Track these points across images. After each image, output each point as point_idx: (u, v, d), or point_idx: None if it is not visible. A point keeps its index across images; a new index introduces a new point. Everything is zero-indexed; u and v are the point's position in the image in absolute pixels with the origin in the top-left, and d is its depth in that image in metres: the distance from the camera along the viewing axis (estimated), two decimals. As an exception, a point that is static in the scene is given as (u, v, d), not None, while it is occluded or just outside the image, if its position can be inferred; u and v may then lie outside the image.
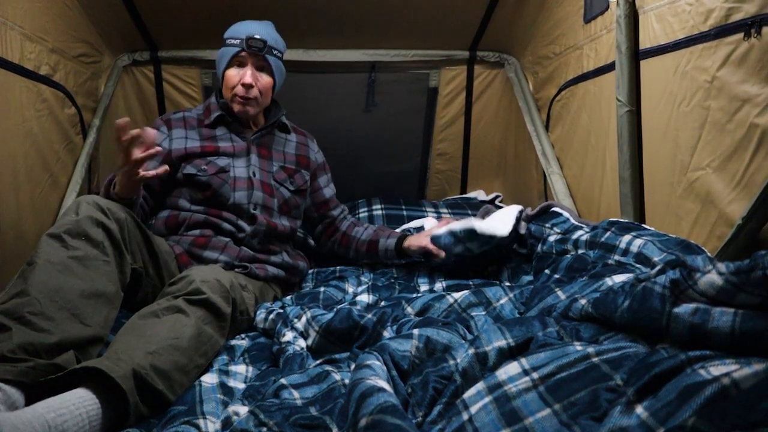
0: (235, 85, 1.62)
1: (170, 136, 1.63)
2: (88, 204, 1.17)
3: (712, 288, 0.69)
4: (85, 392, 0.84)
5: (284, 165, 1.73)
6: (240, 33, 1.62)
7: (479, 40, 2.35)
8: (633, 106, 1.44)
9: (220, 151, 1.63)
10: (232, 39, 1.63)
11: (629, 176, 1.45)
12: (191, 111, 1.73)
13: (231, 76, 1.62)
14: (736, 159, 1.11)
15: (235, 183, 1.61)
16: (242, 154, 1.66)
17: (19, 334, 0.91)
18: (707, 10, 1.16)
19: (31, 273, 1.01)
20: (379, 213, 2.36)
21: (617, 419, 0.60)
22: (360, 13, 2.12)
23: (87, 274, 1.06)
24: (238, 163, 1.64)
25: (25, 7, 1.53)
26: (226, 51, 1.63)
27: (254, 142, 1.69)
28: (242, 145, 1.67)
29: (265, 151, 1.71)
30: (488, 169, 2.67)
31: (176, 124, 1.66)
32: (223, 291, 1.18)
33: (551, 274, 1.33)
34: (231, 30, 1.67)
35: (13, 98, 1.49)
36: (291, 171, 1.74)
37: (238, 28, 1.65)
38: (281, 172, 1.72)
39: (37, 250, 1.06)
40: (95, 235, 1.12)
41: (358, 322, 1.13)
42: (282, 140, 1.77)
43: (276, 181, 1.70)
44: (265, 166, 1.69)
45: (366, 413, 0.68)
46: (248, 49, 1.60)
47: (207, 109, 1.71)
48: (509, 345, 0.83)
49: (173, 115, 1.69)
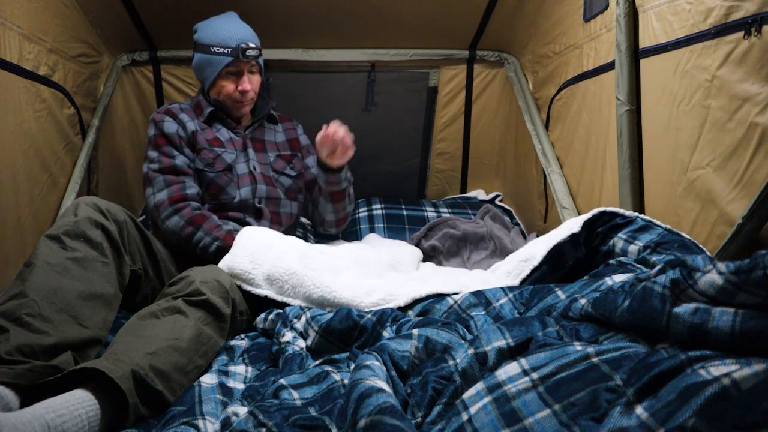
0: (232, 93, 1.64)
1: (180, 121, 1.64)
2: (86, 205, 1.16)
3: (712, 288, 0.69)
4: (84, 393, 0.83)
5: (280, 153, 1.75)
6: (228, 40, 1.61)
7: (479, 39, 2.34)
8: (633, 105, 1.44)
9: (225, 144, 1.66)
10: (219, 47, 1.61)
11: (629, 175, 1.45)
12: (184, 104, 1.74)
13: (225, 85, 1.64)
14: (736, 158, 1.11)
15: (239, 180, 1.63)
16: (240, 149, 1.68)
17: (16, 336, 0.90)
18: (707, 9, 1.15)
19: (29, 274, 1.00)
20: (379, 213, 2.36)
21: (617, 420, 0.60)
22: (359, 12, 2.11)
23: (85, 276, 1.06)
24: (239, 159, 1.66)
25: (24, 7, 1.53)
26: (215, 60, 1.62)
27: (248, 137, 1.72)
28: (239, 141, 1.69)
29: (259, 144, 1.74)
30: (488, 168, 2.67)
31: (177, 112, 1.67)
32: (223, 292, 1.17)
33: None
34: (212, 34, 1.63)
35: (11, 98, 1.49)
36: (288, 157, 1.77)
37: (222, 34, 1.62)
38: (279, 161, 1.74)
39: (36, 252, 1.05)
40: (94, 236, 1.12)
41: (357, 322, 1.13)
42: (272, 131, 1.81)
43: (275, 172, 1.71)
44: (261, 158, 1.72)
45: (365, 414, 0.68)
46: (245, 59, 1.61)
47: (197, 106, 1.71)
48: (509, 345, 0.83)
49: (170, 105, 1.70)
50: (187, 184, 1.58)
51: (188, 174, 1.60)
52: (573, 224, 1.25)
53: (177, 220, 1.51)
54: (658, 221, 1.24)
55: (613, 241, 1.23)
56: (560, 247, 1.23)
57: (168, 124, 1.63)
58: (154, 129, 1.64)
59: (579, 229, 1.23)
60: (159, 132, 1.63)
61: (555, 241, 1.23)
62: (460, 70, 2.44)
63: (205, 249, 1.49)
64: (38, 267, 1.02)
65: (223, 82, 1.64)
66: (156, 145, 1.62)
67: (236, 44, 1.60)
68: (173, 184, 1.56)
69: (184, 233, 1.50)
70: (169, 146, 1.61)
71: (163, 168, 1.58)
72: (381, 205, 2.40)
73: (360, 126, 2.45)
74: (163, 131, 1.62)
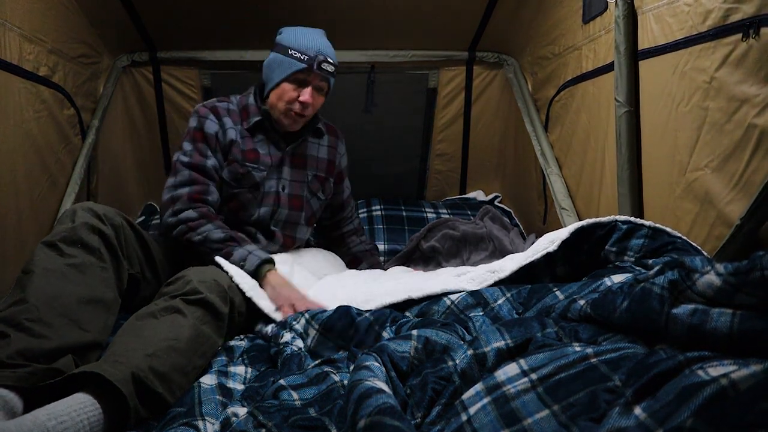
0: (292, 100, 1.56)
1: (222, 125, 1.58)
2: (83, 210, 1.16)
3: (711, 289, 0.69)
4: (85, 397, 0.83)
5: (317, 174, 1.71)
6: (308, 48, 1.55)
7: (478, 40, 2.35)
8: (632, 107, 1.44)
9: (260, 161, 1.60)
10: (297, 52, 1.55)
11: (628, 176, 1.45)
12: (231, 102, 1.66)
13: (288, 90, 1.56)
14: (734, 159, 1.11)
15: (263, 199, 1.60)
16: (276, 166, 1.63)
17: (17, 341, 0.91)
18: (706, 11, 1.16)
19: (28, 281, 1.00)
20: (379, 214, 2.36)
21: (616, 420, 0.60)
22: (359, 13, 2.12)
23: (84, 281, 1.06)
24: (270, 176, 1.62)
25: (24, 8, 1.53)
26: (288, 62, 1.55)
27: (290, 153, 1.66)
28: (277, 157, 1.64)
29: (299, 160, 1.68)
30: (487, 169, 2.67)
31: (223, 113, 1.61)
32: (221, 291, 1.17)
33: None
34: (294, 38, 1.58)
35: (11, 99, 1.49)
36: (322, 180, 1.73)
37: (305, 42, 1.56)
38: (315, 182, 1.71)
39: (33, 259, 1.05)
40: (91, 241, 1.12)
41: (355, 319, 1.13)
42: (315, 146, 1.74)
43: (309, 191, 1.69)
44: (297, 176, 1.67)
45: (365, 414, 0.68)
46: (318, 71, 1.55)
47: (245, 109, 1.64)
48: (508, 346, 0.83)
49: (219, 104, 1.63)
50: (210, 188, 1.53)
51: (214, 180, 1.55)
52: (551, 242, 1.20)
53: (190, 213, 1.46)
54: (639, 220, 1.20)
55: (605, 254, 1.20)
56: (533, 266, 1.21)
57: (210, 123, 1.57)
58: (196, 122, 1.57)
59: (555, 248, 1.18)
60: (200, 127, 1.57)
61: (528, 260, 1.20)
62: (460, 71, 2.45)
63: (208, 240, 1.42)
64: (37, 273, 1.02)
65: (286, 86, 1.56)
66: (193, 138, 1.56)
67: (314, 54, 1.54)
68: (197, 184, 1.51)
69: (192, 224, 1.44)
70: (205, 145, 1.55)
71: (193, 164, 1.52)
72: (380, 206, 2.40)
73: (360, 127, 2.47)
74: (203, 128, 1.56)
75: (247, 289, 1.27)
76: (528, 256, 1.22)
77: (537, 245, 1.23)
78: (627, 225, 1.19)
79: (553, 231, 1.24)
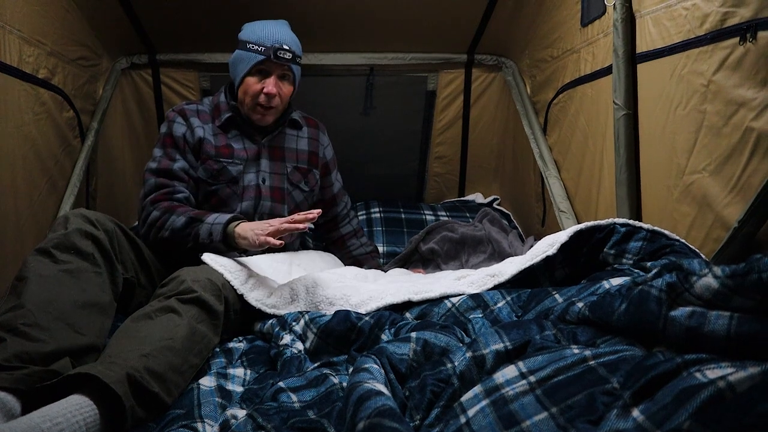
0: (256, 93, 1.57)
1: (189, 126, 1.60)
2: (76, 217, 1.17)
3: (708, 291, 0.70)
4: (81, 399, 0.83)
5: (297, 165, 1.71)
6: (264, 39, 1.56)
7: (477, 43, 2.35)
8: (630, 110, 1.45)
9: (234, 155, 1.61)
10: (254, 45, 1.56)
11: (626, 179, 1.46)
12: (202, 103, 1.68)
13: (252, 83, 1.57)
14: (732, 162, 1.12)
15: (244, 193, 1.60)
16: (253, 159, 1.63)
17: (13, 345, 0.91)
18: (703, 15, 1.16)
19: (23, 288, 1.00)
20: (377, 216, 2.36)
21: (613, 422, 0.60)
22: (358, 16, 2.12)
23: (79, 286, 1.06)
24: (248, 169, 1.62)
25: (24, 11, 1.53)
26: (247, 56, 1.57)
27: (266, 145, 1.67)
28: (254, 150, 1.64)
29: (277, 152, 1.68)
30: (486, 172, 2.68)
31: (191, 114, 1.62)
32: (215, 289, 1.18)
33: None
34: (251, 32, 1.59)
35: (11, 101, 1.49)
36: (304, 171, 1.72)
37: (261, 33, 1.57)
38: (296, 173, 1.70)
39: (27, 266, 1.05)
40: (85, 247, 1.12)
41: (355, 324, 1.13)
42: (293, 137, 1.74)
43: (290, 183, 1.68)
44: (277, 168, 1.67)
45: (363, 417, 0.69)
46: (276, 60, 1.56)
47: (216, 108, 1.66)
48: (506, 348, 0.83)
49: (186, 106, 1.65)
50: (177, 188, 1.53)
51: (182, 180, 1.55)
52: (549, 245, 1.21)
53: (154, 214, 1.46)
54: (638, 222, 1.21)
55: (603, 257, 1.21)
56: (533, 269, 1.22)
57: (177, 126, 1.59)
58: (165, 127, 1.60)
59: (555, 251, 1.19)
60: (168, 131, 1.59)
61: (527, 264, 1.21)
62: (459, 74, 2.45)
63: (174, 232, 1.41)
64: (31, 280, 1.02)
65: (250, 80, 1.57)
66: (163, 143, 1.58)
67: (271, 44, 1.55)
68: (163, 187, 1.52)
69: (158, 223, 1.44)
70: (173, 149, 1.57)
71: (159, 169, 1.54)
72: (379, 209, 2.40)
73: (358, 129, 2.47)
74: (172, 132, 1.58)
75: (238, 285, 1.27)
76: (527, 259, 1.22)
77: (536, 248, 1.24)
78: (625, 228, 1.20)
79: (552, 234, 1.25)
